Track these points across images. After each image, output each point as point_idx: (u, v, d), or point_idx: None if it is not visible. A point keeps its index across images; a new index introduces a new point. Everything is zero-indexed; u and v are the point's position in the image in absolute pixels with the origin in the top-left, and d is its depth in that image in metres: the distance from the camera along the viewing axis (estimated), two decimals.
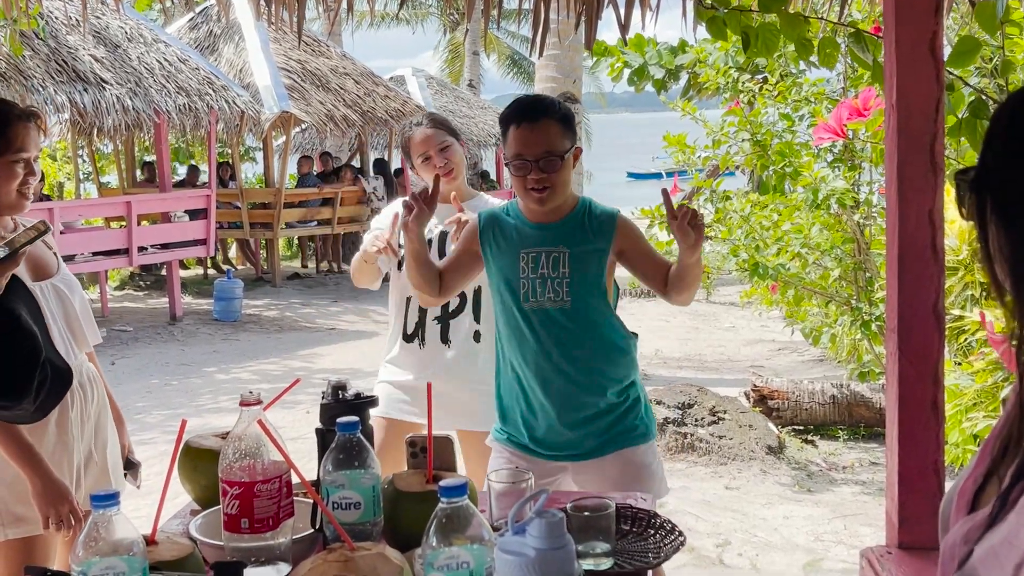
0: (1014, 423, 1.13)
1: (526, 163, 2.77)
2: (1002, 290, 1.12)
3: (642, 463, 2.95)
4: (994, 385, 4.99)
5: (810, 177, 6.28)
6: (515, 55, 32.21)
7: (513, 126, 2.81)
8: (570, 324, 2.88)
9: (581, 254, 2.88)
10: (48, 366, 2.51)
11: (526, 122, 2.79)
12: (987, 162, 1.13)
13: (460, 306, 3.55)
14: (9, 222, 2.77)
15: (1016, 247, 1.08)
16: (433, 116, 3.71)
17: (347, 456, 1.94)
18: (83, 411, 2.81)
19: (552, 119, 2.80)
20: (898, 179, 2.40)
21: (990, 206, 1.11)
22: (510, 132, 2.82)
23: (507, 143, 2.84)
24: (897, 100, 2.38)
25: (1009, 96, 1.16)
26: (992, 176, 1.12)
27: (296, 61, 14.86)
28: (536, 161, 2.76)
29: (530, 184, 2.79)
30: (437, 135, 3.55)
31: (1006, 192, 1.09)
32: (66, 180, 18.19)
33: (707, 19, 3.17)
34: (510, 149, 2.81)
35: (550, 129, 2.79)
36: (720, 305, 13.16)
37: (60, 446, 2.72)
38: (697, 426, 6.31)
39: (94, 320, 2.97)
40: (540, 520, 1.54)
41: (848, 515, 5.24)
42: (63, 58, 10.76)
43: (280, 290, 14.23)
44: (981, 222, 1.13)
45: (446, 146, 3.55)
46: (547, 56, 9.34)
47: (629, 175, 48.30)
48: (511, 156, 2.80)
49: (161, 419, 7.41)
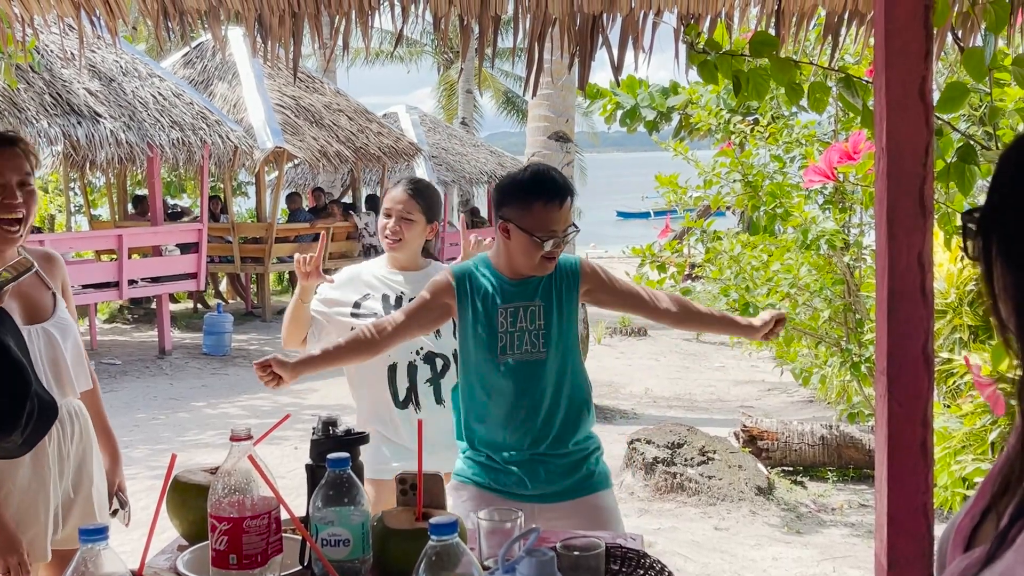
0: (1015, 461, 1.14)
1: (558, 239, 2.91)
2: (1006, 329, 1.13)
3: (609, 506, 3.06)
4: (982, 428, 5.00)
5: (800, 218, 6.32)
6: (509, 93, 32.41)
7: (542, 202, 2.89)
8: (543, 374, 2.97)
9: (555, 306, 3.00)
10: (36, 399, 2.49)
11: (558, 201, 2.90)
12: (994, 202, 1.14)
13: (444, 368, 3.55)
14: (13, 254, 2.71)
15: (1020, 285, 1.09)
16: (418, 186, 3.65)
17: (337, 493, 1.94)
18: (61, 446, 2.76)
19: (570, 196, 2.95)
20: (888, 222, 2.42)
21: (996, 246, 1.12)
22: (537, 206, 2.89)
23: (530, 213, 2.90)
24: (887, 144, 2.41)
25: (1016, 137, 1.18)
26: (999, 216, 1.13)
27: (290, 97, 14.94)
28: (561, 237, 2.93)
29: (550, 255, 2.93)
30: (409, 204, 3.54)
31: (1012, 233, 1.10)
32: (57, 212, 18.20)
33: (698, 63, 3.20)
34: (538, 223, 2.89)
35: (569, 206, 2.95)
36: (710, 345, 13.18)
37: (36, 481, 2.68)
38: (687, 466, 6.29)
39: (86, 365, 2.91)
40: (530, 559, 1.54)
41: (837, 557, 5.22)
42: (57, 91, 10.80)
43: (270, 325, 14.19)
44: (987, 262, 1.14)
45: (408, 218, 3.55)
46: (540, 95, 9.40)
47: (618, 214, 48.54)
48: (540, 230, 2.88)
49: (147, 454, 7.37)
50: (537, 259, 2.92)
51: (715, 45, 3.21)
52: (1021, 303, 1.10)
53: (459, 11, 3.20)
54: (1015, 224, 1.10)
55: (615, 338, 13.67)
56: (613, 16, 3.23)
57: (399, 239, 3.55)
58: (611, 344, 12.87)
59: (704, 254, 7.06)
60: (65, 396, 2.78)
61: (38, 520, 2.70)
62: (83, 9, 3.29)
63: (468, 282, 3.01)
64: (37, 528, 2.70)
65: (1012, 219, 1.11)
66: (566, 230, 2.94)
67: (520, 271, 2.98)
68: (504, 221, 2.93)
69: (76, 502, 2.83)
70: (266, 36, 3.28)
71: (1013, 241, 1.10)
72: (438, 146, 19.99)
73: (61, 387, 2.76)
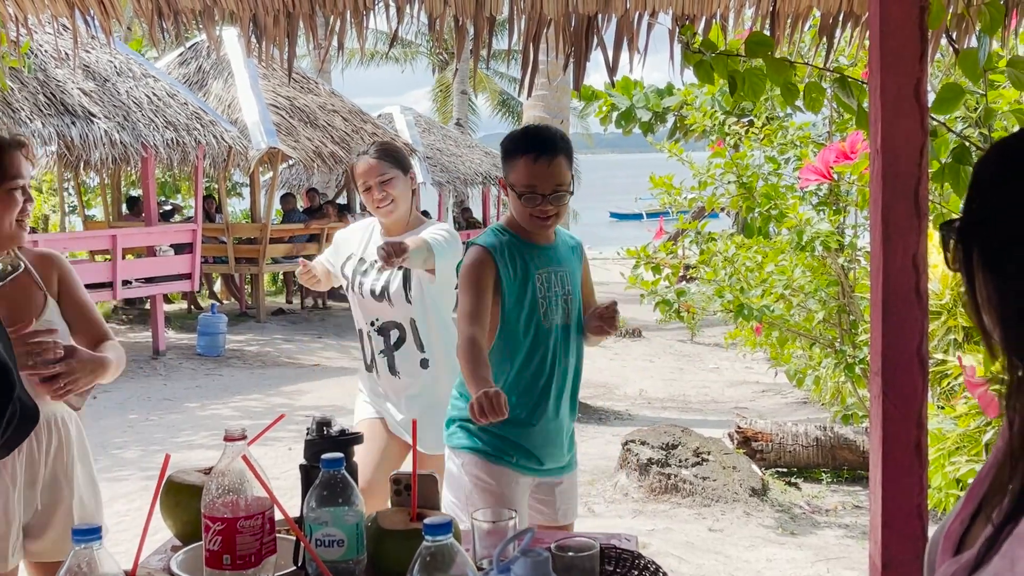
0: (1002, 465, 1.14)
1: (537, 195, 2.88)
2: (989, 338, 1.13)
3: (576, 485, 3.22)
4: (977, 429, 5.00)
5: (795, 219, 6.32)
6: (504, 95, 32.43)
7: (527, 158, 2.88)
8: (572, 338, 3.05)
9: (573, 273, 3.06)
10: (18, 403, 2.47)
11: (543, 157, 2.87)
12: (972, 212, 1.14)
13: (401, 338, 3.61)
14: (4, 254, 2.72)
15: (1003, 295, 1.09)
16: (382, 146, 3.72)
17: (331, 493, 1.94)
18: (34, 455, 2.70)
19: (562, 154, 2.91)
20: (882, 223, 2.42)
21: (976, 256, 1.12)
22: (521, 161, 2.89)
23: (515, 170, 2.91)
24: (882, 145, 2.41)
25: (992, 146, 1.18)
26: (978, 226, 1.13)
27: (285, 97, 14.92)
28: (548, 195, 2.89)
29: (537, 213, 2.91)
30: (380, 166, 3.58)
31: (992, 241, 1.10)
32: (52, 212, 18.16)
33: (694, 63, 3.20)
34: (521, 178, 2.89)
35: (561, 164, 2.91)
36: (704, 346, 13.19)
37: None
38: (681, 467, 6.29)
39: None
40: (525, 559, 1.54)
41: (831, 558, 5.22)
42: (51, 91, 10.77)
43: (264, 326, 14.18)
44: (968, 272, 1.14)
45: (387, 178, 3.58)
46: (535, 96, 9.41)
47: (612, 215, 48.60)
48: (522, 186, 2.89)
49: (141, 454, 7.35)
50: (527, 216, 2.93)
51: (711, 45, 3.21)
52: (1004, 312, 1.09)
53: (454, 12, 3.20)
54: (996, 234, 1.10)
55: (609, 339, 13.65)
56: (608, 17, 3.23)
57: (391, 201, 3.57)
58: (605, 345, 12.83)
59: (699, 255, 7.06)
60: (47, 403, 2.75)
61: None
62: (77, 9, 3.29)
63: (503, 249, 2.97)
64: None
65: (992, 229, 1.10)
66: (556, 190, 2.89)
67: (528, 232, 3.00)
68: (503, 178, 2.99)
69: (53, 514, 2.77)
70: (261, 36, 3.27)
71: (994, 251, 1.10)
72: (433, 147, 19.99)
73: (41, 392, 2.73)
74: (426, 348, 3.61)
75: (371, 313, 3.64)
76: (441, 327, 3.63)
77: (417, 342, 3.61)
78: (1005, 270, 1.08)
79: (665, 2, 3.18)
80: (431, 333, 3.60)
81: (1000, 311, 1.09)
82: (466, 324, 2.84)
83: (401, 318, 3.59)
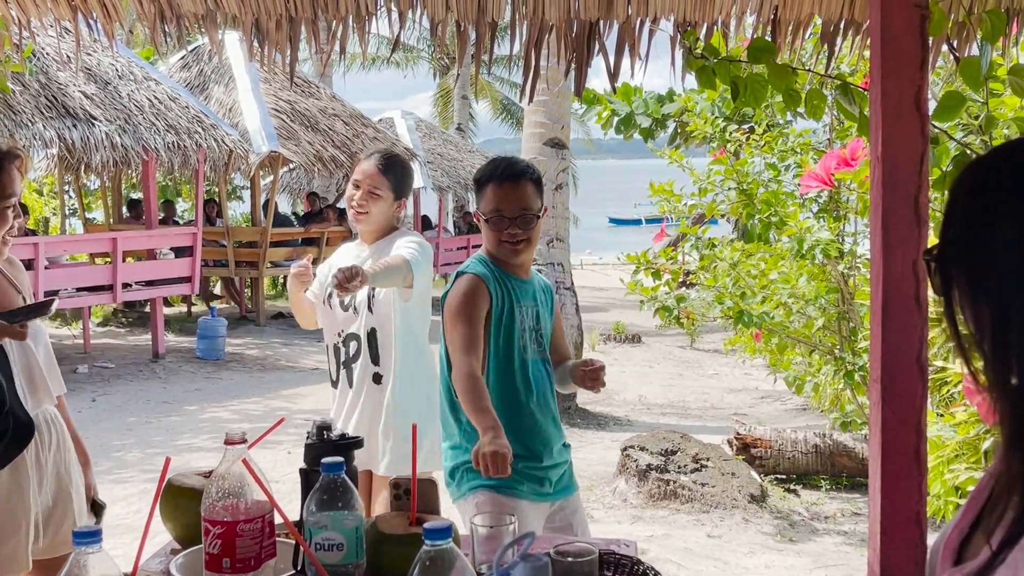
0: (1001, 475, 1.14)
1: (504, 219, 2.97)
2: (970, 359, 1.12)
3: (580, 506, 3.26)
4: (976, 437, 5.00)
5: (795, 227, 6.33)
6: (505, 100, 32.43)
7: (493, 184, 2.99)
8: (546, 373, 3.11)
9: (544, 312, 3.13)
10: (12, 418, 2.48)
11: (507, 182, 2.98)
12: (948, 236, 1.13)
13: (357, 351, 3.59)
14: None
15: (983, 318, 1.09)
16: (392, 162, 3.66)
17: (331, 497, 1.94)
18: (39, 455, 2.74)
19: (528, 180, 3.01)
20: (883, 230, 2.42)
21: (957, 280, 1.12)
22: (489, 188, 3.00)
23: (484, 199, 3.01)
24: (883, 152, 2.41)
25: (965, 168, 1.17)
26: (956, 249, 1.12)
27: (286, 102, 14.93)
28: (514, 219, 2.97)
29: (506, 238, 2.98)
30: (378, 179, 3.58)
31: (971, 262, 1.10)
32: (52, 215, 18.17)
33: (697, 68, 3.20)
34: (488, 204, 3.00)
35: (527, 189, 3.00)
36: (704, 352, 13.19)
37: (15, 491, 2.66)
38: (680, 473, 6.29)
39: (59, 371, 2.92)
40: (525, 564, 1.54)
41: (830, 565, 5.22)
42: (53, 94, 10.78)
43: (264, 329, 14.18)
44: (947, 297, 1.13)
45: (376, 193, 3.57)
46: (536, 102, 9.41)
47: (611, 221, 48.65)
48: (490, 211, 2.98)
49: (140, 457, 7.35)
50: (497, 242, 2.99)
51: (713, 51, 3.21)
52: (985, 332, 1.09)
53: (456, 17, 3.20)
54: (973, 254, 1.09)
55: (609, 345, 13.68)
56: (610, 23, 3.23)
57: (365, 212, 3.57)
58: (605, 351, 12.86)
59: (699, 261, 7.06)
60: (41, 404, 2.75)
61: (18, 531, 2.67)
62: (80, 12, 3.29)
63: (493, 279, 3.01)
64: (17, 538, 2.67)
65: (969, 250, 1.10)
66: (523, 213, 2.96)
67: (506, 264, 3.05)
68: (477, 212, 3.07)
69: (57, 510, 2.81)
70: (263, 40, 3.27)
71: (973, 269, 1.10)
72: (433, 152, 19.99)
73: (36, 394, 2.74)
74: (380, 362, 3.55)
75: (339, 324, 3.62)
76: (404, 341, 3.56)
77: (371, 355, 3.56)
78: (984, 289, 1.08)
79: (667, 8, 3.18)
80: (388, 346, 3.54)
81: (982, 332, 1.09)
82: (462, 356, 2.83)
83: (360, 329, 3.57)
